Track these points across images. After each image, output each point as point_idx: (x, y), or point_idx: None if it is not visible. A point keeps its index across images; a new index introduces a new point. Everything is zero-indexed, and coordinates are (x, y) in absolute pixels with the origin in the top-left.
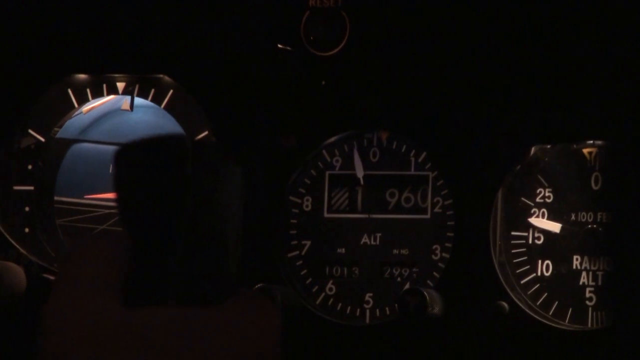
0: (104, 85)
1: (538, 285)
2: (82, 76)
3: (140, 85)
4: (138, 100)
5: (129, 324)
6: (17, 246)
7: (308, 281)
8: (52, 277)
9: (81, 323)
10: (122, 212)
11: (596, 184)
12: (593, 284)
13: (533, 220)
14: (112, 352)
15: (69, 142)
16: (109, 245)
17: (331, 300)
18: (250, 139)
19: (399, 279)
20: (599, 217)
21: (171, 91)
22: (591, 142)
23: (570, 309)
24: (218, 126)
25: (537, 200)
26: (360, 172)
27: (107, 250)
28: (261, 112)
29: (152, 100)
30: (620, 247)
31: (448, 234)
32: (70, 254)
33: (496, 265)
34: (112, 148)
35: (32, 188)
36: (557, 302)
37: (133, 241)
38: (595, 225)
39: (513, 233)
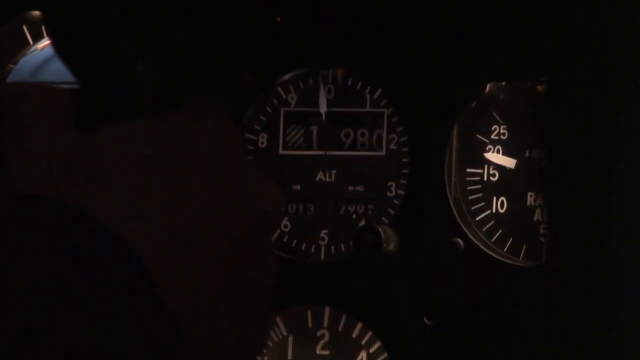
0: None
1: (493, 222)
2: (38, 13)
3: None
4: None
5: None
6: None
7: None
8: None
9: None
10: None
11: (549, 121)
12: (547, 220)
13: (489, 155)
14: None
15: (20, 86)
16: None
17: (286, 237)
18: (204, 76)
19: (354, 216)
20: (552, 154)
21: None
22: (545, 78)
23: (525, 246)
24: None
25: (492, 137)
26: (323, 108)
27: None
28: (216, 50)
29: None
30: (560, 184)
31: (403, 170)
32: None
33: (451, 202)
34: (64, 88)
35: None
36: (511, 239)
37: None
38: (548, 162)
39: (468, 170)
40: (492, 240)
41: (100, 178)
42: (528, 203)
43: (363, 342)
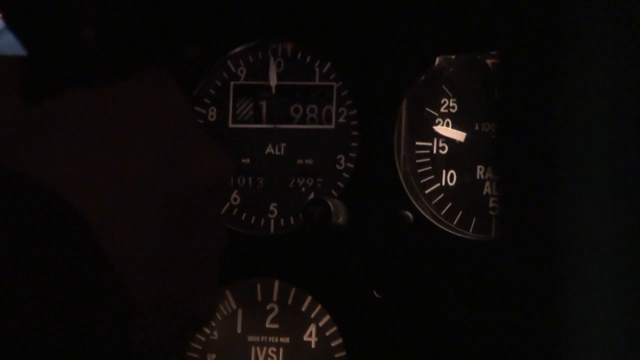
0: None
1: (442, 195)
2: None
3: None
4: None
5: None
6: None
7: None
8: None
9: None
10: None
11: (499, 95)
12: (496, 193)
13: (438, 128)
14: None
15: None
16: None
17: (236, 210)
18: (152, 47)
19: (303, 189)
20: (501, 127)
21: None
22: (494, 52)
23: (475, 219)
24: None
25: (442, 110)
26: (273, 82)
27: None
28: (165, 23)
29: None
30: (509, 157)
31: (352, 144)
32: None
33: (400, 175)
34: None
35: None
36: (461, 212)
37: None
38: (498, 136)
39: (417, 143)
40: (442, 213)
41: (49, 146)
42: (478, 176)
43: (312, 316)
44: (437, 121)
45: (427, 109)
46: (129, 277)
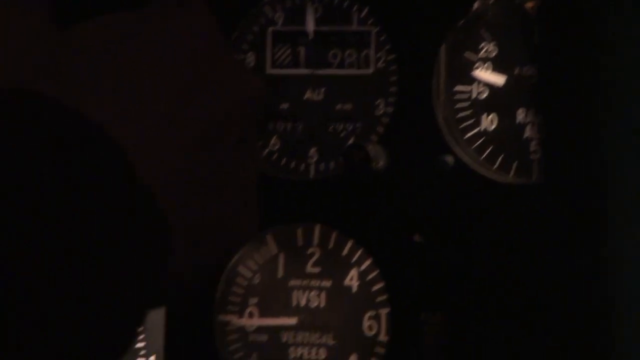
0: None
1: (482, 139)
2: None
3: None
4: None
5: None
6: None
7: None
8: None
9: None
10: None
11: (538, 38)
12: (537, 137)
13: (477, 73)
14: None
15: None
16: None
17: (275, 155)
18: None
19: (342, 134)
20: (542, 70)
21: None
22: None
23: (515, 163)
24: None
25: (481, 54)
26: (310, 27)
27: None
28: None
29: None
30: (550, 100)
31: (391, 89)
32: None
33: (440, 120)
34: None
35: None
36: (502, 156)
37: None
38: (538, 79)
39: (457, 87)
40: (482, 157)
41: (82, 72)
42: (518, 120)
43: (354, 260)
44: (476, 65)
45: (467, 53)
46: (162, 203)
